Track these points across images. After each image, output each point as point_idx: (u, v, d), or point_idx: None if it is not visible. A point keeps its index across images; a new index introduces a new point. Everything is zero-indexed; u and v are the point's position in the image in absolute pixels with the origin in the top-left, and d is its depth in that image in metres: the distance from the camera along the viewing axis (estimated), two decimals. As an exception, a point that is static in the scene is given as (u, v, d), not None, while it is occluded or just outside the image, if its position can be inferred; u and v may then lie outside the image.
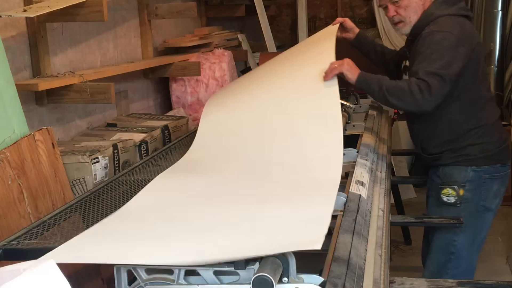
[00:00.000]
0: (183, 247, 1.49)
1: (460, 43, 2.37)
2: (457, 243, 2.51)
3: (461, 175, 2.48)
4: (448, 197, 2.49)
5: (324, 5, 6.54)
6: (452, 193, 2.47)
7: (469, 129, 2.47)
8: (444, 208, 2.49)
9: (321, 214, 1.54)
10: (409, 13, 2.52)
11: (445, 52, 2.33)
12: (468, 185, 2.48)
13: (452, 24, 2.42)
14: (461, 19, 2.47)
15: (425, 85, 2.27)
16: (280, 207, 1.72)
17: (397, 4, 2.53)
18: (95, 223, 1.75)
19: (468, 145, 2.48)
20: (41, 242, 1.64)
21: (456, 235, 2.50)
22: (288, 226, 1.54)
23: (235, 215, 1.69)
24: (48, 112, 3.04)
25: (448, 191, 2.49)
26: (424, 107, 2.32)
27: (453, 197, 2.48)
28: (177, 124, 3.45)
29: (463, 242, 2.52)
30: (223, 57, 4.51)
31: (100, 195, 2.06)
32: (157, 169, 2.36)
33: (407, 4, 2.52)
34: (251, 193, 1.89)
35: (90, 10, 2.89)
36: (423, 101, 2.29)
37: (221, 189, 1.97)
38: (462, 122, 2.46)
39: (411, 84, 2.30)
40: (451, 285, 1.75)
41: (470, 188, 2.48)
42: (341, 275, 1.35)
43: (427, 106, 2.32)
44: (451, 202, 2.48)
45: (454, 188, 2.47)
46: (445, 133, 2.49)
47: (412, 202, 5.12)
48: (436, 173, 2.57)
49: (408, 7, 2.52)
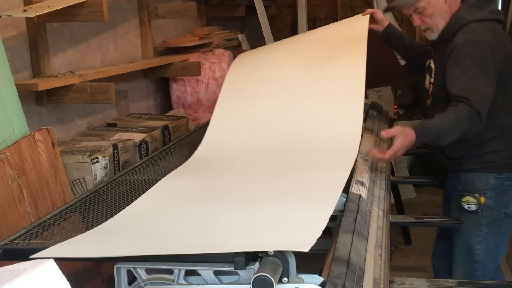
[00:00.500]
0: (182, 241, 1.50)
1: (496, 51, 2.31)
2: (480, 251, 2.46)
3: (482, 182, 2.44)
4: (469, 205, 2.45)
5: (324, 5, 6.53)
6: (473, 201, 2.43)
7: (492, 136, 2.42)
8: (465, 216, 2.43)
9: (319, 217, 1.54)
10: (435, 20, 2.45)
11: (486, 67, 2.28)
12: (490, 192, 2.43)
13: (486, 32, 2.33)
14: (492, 23, 2.38)
15: (477, 114, 2.23)
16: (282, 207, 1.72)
17: (422, 13, 2.46)
18: (95, 223, 1.75)
19: (490, 151, 2.43)
20: (41, 242, 1.64)
21: (479, 244, 2.46)
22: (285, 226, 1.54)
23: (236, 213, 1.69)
24: (48, 112, 3.04)
25: (469, 199, 2.44)
26: (477, 130, 2.30)
27: (474, 205, 2.43)
28: (177, 124, 3.45)
29: (486, 250, 2.46)
30: (223, 57, 4.51)
31: (100, 195, 2.06)
32: (157, 169, 2.36)
33: (432, 12, 2.44)
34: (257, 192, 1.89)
35: (90, 10, 2.89)
36: (477, 128, 2.28)
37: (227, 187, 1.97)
38: (486, 130, 2.38)
39: (464, 117, 2.24)
40: (451, 285, 1.75)
41: (491, 196, 2.43)
42: (341, 275, 1.35)
43: (480, 128, 2.30)
44: (472, 210, 2.44)
45: (475, 196, 2.43)
46: (467, 139, 2.41)
47: (412, 202, 5.12)
48: (458, 179, 2.52)
49: (433, 15, 2.45)
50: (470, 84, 2.27)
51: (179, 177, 2.14)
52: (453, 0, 2.46)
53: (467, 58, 2.30)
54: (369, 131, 2.74)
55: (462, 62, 2.31)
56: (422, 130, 2.24)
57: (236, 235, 1.50)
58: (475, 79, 2.27)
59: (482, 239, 2.45)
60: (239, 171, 2.14)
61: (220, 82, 4.37)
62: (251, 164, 2.20)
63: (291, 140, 2.34)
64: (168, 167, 2.37)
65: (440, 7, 2.44)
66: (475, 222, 2.43)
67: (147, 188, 2.07)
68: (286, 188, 1.90)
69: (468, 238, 2.46)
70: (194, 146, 2.72)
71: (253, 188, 1.94)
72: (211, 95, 4.37)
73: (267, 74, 2.73)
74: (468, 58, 2.30)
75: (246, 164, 2.22)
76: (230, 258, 1.34)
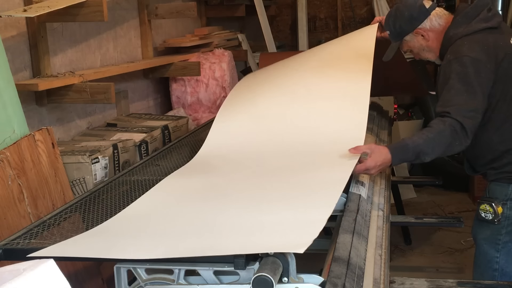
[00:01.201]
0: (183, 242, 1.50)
1: (481, 64, 2.25)
2: (499, 259, 2.44)
3: (503, 192, 2.40)
4: (485, 213, 2.42)
5: (324, 5, 6.54)
6: (490, 209, 2.39)
7: (506, 149, 2.38)
8: (484, 224, 2.42)
9: (318, 217, 1.53)
10: (424, 55, 2.49)
11: (468, 82, 2.24)
12: (510, 203, 2.39)
13: (469, 46, 2.29)
14: (480, 35, 2.32)
15: (460, 127, 2.19)
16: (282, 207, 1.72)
17: (413, 52, 2.52)
18: (95, 223, 1.75)
19: (508, 163, 2.39)
20: (41, 242, 1.64)
21: (498, 252, 2.43)
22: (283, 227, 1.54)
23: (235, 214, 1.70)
24: (48, 112, 3.04)
25: (486, 207, 2.40)
26: (463, 146, 2.24)
27: (490, 214, 2.39)
28: (177, 124, 3.45)
29: (505, 258, 2.44)
30: (223, 57, 4.51)
31: (100, 195, 2.06)
32: (157, 169, 2.36)
33: (417, 51, 2.49)
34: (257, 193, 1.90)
35: (90, 10, 2.89)
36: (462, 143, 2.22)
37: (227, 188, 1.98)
38: (498, 143, 2.36)
39: (445, 131, 2.19)
40: (451, 285, 1.75)
41: (511, 206, 2.40)
42: (341, 275, 1.35)
43: (466, 143, 2.24)
44: (488, 219, 2.40)
45: (492, 205, 2.38)
46: (485, 153, 2.40)
47: (412, 202, 5.12)
48: (486, 188, 2.51)
49: (419, 52, 2.49)
50: (451, 100, 2.23)
51: (181, 177, 2.14)
52: (433, 31, 2.44)
53: (448, 77, 2.27)
54: (369, 131, 2.74)
55: (444, 82, 2.29)
56: (398, 147, 2.17)
57: (235, 237, 1.50)
58: (456, 95, 2.24)
59: (502, 247, 2.42)
60: (240, 172, 2.14)
61: (220, 82, 4.37)
62: (253, 165, 2.20)
63: (294, 141, 2.34)
64: (168, 167, 2.37)
65: (420, 44, 2.46)
66: (494, 231, 2.42)
67: (147, 188, 2.07)
68: (286, 189, 1.90)
69: (488, 246, 2.45)
70: (194, 146, 2.72)
71: (254, 188, 1.94)
72: (211, 95, 4.37)
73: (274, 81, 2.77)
74: (449, 77, 2.27)
75: (247, 164, 2.22)
76: (230, 258, 1.34)
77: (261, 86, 2.78)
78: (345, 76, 2.60)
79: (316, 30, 6.58)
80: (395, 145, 2.19)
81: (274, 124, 2.46)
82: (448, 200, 5.15)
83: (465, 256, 4.05)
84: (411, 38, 2.46)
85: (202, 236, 1.52)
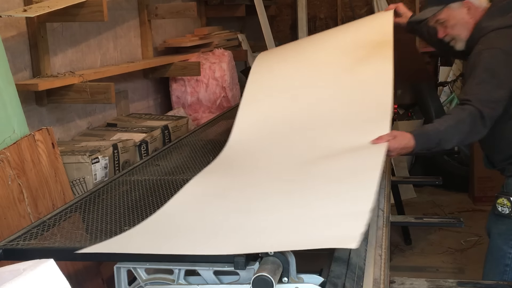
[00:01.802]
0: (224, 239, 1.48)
1: (510, 58, 2.26)
2: None
3: None
4: (502, 207, 2.41)
5: (324, 5, 6.54)
6: (507, 203, 2.39)
7: None
8: (499, 219, 2.42)
9: (360, 210, 1.46)
10: (457, 31, 2.44)
11: (495, 73, 2.25)
12: None
13: (502, 40, 2.30)
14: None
15: (479, 115, 2.19)
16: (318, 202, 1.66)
17: (444, 24, 2.45)
18: (95, 223, 1.75)
19: None
20: (41, 242, 1.64)
21: (511, 248, 2.44)
22: (324, 222, 1.48)
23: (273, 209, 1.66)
24: (48, 112, 3.04)
25: (503, 201, 2.40)
26: (481, 134, 2.25)
27: (507, 208, 2.39)
28: (177, 124, 3.45)
29: None
30: (223, 57, 4.51)
31: (100, 195, 2.06)
32: (157, 169, 2.36)
33: (454, 23, 2.43)
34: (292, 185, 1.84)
35: (90, 10, 2.88)
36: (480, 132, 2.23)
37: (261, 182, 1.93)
38: None
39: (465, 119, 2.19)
40: (451, 285, 1.75)
41: None
42: (341, 275, 1.35)
43: (483, 133, 2.24)
44: (505, 214, 2.40)
45: (510, 199, 2.39)
46: (506, 149, 2.41)
47: (412, 202, 5.12)
48: (504, 184, 2.50)
49: (455, 26, 2.43)
50: (474, 88, 2.25)
51: (214, 173, 2.08)
52: (476, 10, 2.43)
53: (477, 67, 2.28)
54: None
55: (472, 71, 2.30)
56: (421, 134, 2.18)
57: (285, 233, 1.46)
58: (480, 84, 2.25)
59: None
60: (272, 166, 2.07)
61: (220, 82, 4.37)
62: (284, 155, 2.13)
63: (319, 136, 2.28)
64: (168, 167, 2.37)
65: (461, 18, 2.42)
66: (509, 227, 2.41)
67: (147, 188, 2.06)
68: (321, 180, 1.84)
69: (501, 241, 2.45)
70: (194, 146, 2.72)
71: (287, 184, 1.87)
72: (211, 95, 4.37)
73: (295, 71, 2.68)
74: (478, 66, 2.28)
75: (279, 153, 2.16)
76: (230, 258, 1.34)
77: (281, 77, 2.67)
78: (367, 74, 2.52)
79: (316, 30, 6.57)
80: (417, 131, 2.19)
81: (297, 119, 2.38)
82: (448, 200, 5.15)
83: (465, 256, 4.05)
84: (458, 7, 2.42)
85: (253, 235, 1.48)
